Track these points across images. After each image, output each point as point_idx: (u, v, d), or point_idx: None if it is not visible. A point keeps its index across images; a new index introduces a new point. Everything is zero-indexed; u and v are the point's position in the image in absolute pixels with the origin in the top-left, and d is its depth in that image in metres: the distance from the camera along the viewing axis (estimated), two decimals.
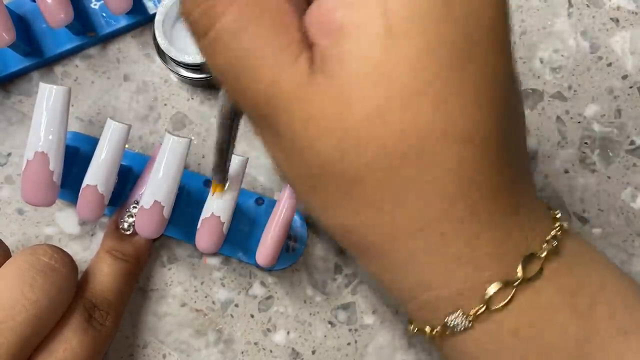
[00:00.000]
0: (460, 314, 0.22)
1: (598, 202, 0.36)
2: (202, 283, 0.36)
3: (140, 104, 0.37)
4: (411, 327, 0.25)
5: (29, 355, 0.28)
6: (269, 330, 0.36)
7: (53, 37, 0.36)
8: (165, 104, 0.37)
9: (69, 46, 0.36)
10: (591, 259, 0.24)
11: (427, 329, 0.24)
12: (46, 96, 0.29)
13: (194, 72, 0.34)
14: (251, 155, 0.36)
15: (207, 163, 0.36)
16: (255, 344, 0.35)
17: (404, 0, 0.19)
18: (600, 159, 0.36)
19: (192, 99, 0.37)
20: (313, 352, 0.35)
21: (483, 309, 0.22)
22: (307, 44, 0.20)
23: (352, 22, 0.19)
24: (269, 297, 0.36)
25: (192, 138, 0.33)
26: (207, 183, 0.35)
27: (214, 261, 0.36)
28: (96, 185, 0.30)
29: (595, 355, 0.22)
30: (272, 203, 0.34)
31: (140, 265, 0.35)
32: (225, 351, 0.35)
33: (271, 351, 0.35)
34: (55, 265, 0.29)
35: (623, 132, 0.36)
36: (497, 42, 0.20)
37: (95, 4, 0.36)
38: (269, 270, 0.36)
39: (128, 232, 0.34)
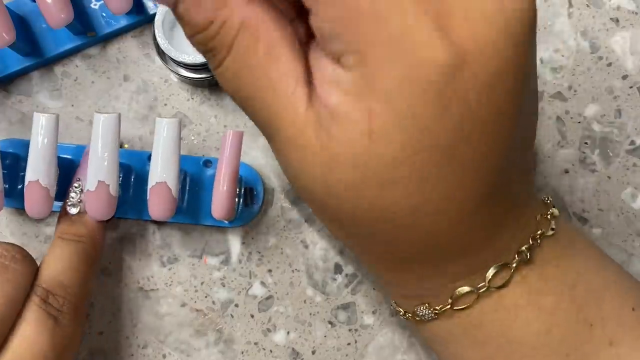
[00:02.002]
0: (427, 306, 0.26)
1: (598, 202, 0.36)
2: (202, 283, 0.36)
3: (140, 104, 0.37)
4: (392, 303, 0.29)
5: None
6: (269, 330, 0.36)
7: (53, 37, 0.36)
8: (165, 104, 0.37)
9: (69, 46, 0.36)
10: (570, 260, 0.26)
11: (401, 312, 0.28)
12: None
13: (194, 72, 0.34)
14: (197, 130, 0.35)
15: (147, 140, 0.36)
16: (255, 344, 0.35)
17: (387, 104, 0.20)
18: (600, 159, 0.36)
19: (192, 99, 0.37)
20: (313, 352, 0.35)
21: (447, 307, 0.26)
22: (306, 77, 0.22)
23: (343, 112, 0.20)
24: (269, 297, 0.36)
25: (119, 113, 0.32)
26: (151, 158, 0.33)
27: (214, 261, 0.36)
28: (38, 180, 0.30)
29: (556, 345, 0.25)
30: None
31: (95, 245, 0.33)
32: (225, 351, 0.35)
33: (271, 351, 0.35)
34: (8, 263, 0.29)
35: (623, 132, 0.36)
36: (490, 136, 0.21)
37: (95, 4, 0.36)
38: (231, 225, 0.35)
39: (75, 213, 0.33)
